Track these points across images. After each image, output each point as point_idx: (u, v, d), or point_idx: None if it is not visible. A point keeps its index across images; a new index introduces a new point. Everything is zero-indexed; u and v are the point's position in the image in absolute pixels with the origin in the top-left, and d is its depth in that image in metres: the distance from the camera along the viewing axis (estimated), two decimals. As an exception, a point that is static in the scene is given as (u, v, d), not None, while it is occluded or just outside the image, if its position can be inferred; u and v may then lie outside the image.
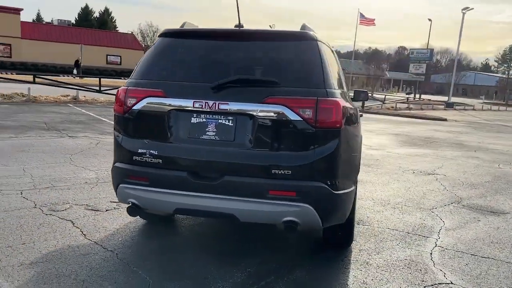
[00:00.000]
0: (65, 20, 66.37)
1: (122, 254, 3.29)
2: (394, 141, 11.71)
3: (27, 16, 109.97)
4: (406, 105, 29.95)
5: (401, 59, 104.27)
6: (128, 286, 2.80)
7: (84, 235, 3.62)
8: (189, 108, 2.84)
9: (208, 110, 2.80)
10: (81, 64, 38.51)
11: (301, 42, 2.99)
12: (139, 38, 70.75)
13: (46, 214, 4.04)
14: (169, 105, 2.88)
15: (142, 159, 2.93)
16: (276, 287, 2.90)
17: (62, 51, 42.32)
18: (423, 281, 3.16)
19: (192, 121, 2.87)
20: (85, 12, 72.23)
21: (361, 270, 3.26)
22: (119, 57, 48.11)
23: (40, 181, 5.20)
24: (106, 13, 74.17)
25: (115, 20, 77.73)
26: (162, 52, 3.11)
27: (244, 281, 2.96)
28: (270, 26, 4.42)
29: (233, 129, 2.81)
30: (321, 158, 2.75)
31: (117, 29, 71.59)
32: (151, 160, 2.90)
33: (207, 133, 2.84)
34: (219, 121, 2.82)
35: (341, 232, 3.43)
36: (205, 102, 2.79)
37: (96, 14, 73.01)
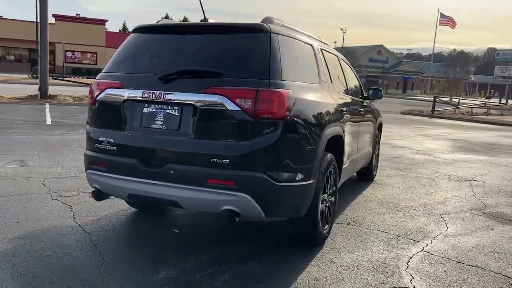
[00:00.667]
0: (145, 29, 71.19)
1: (96, 236, 3.52)
2: (448, 147, 10.97)
3: (114, 26, 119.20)
4: (485, 110, 27.67)
5: (489, 62, 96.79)
6: (83, 263, 3.01)
7: (74, 218, 3.93)
8: (139, 98, 3.00)
9: (156, 100, 2.93)
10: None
11: (252, 34, 3.00)
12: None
13: (53, 199, 4.44)
14: (124, 95, 3.06)
15: (102, 146, 3.14)
16: (220, 276, 2.93)
17: (142, 58, 45.19)
18: (382, 283, 2.99)
19: (144, 111, 3.02)
20: (166, 21, 76.46)
21: (319, 267, 3.17)
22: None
23: (67, 171, 5.69)
24: (184, 22, 77.94)
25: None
26: (127, 46, 3.32)
27: (192, 268, 3.03)
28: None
29: (179, 118, 2.91)
30: (261, 149, 2.75)
31: (195, 36, 74.93)
32: (108, 147, 3.11)
33: (156, 122, 2.97)
34: (167, 111, 2.94)
35: (304, 227, 3.36)
36: (153, 92, 2.93)
37: (176, 23, 76.96)
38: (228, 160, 2.75)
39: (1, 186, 4.81)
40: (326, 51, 4.21)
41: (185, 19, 74.41)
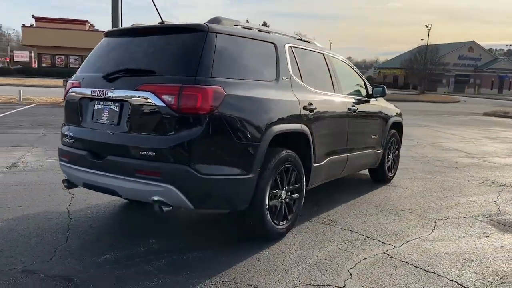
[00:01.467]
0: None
1: (75, 222, 3.92)
2: (510, 150, 9.98)
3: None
4: None
5: None
6: (46, 243, 3.39)
7: (69, 205, 4.39)
8: (89, 96, 3.32)
9: (100, 97, 3.23)
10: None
11: (189, 34, 3.16)
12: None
13: (62, 189, 4.95)
14: (79, 93, 3.41)
15: (66, 140, 3.52)
16: (156, 262, 3.11)
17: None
18: (313, 280, 2.96)
19: (95, 107, 3.34)
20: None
21: (258, 261, 3.21)
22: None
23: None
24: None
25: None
26: (94, 50, 3.67)
27: (137, 253, 3.25)
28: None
29: (118, 114, 3.17)
30: (184, 142, 2.89)
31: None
32: (70, 141, 3.48)
33: (103, 117, 3.27)
34: (111, 107, 3.22)
35: (252, 221, 3.42)
36: (98, 90, 3.23)
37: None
38: (154, 153, 2.94)
39: (28, 176, 5.50)
40: (302, 49, 4.21)
41: (264, 24, 75.78)
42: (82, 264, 3.05)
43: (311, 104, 3.92)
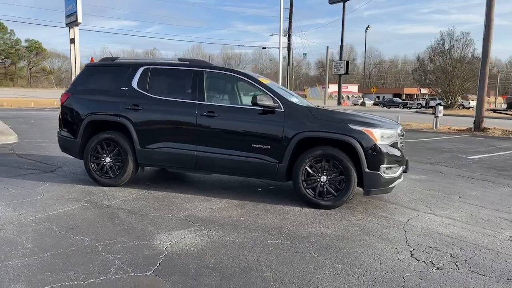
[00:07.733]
0: None
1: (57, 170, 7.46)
2: None
3: None
4: None
5: None
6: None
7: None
8: None
9: None
10: None
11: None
12: None
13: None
14: None
15: None
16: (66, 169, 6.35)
17: None
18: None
19: None
20: None
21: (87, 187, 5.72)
22: None
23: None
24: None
25: None
26: None
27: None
28: None
29: None
30: (58, 117, 6.33)
31: None
32: None
33: None
34: None
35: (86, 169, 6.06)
36: None
37: None
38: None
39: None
40: (162, 68, 5.82)
41: None
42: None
43: (136, 105, 5.61)
